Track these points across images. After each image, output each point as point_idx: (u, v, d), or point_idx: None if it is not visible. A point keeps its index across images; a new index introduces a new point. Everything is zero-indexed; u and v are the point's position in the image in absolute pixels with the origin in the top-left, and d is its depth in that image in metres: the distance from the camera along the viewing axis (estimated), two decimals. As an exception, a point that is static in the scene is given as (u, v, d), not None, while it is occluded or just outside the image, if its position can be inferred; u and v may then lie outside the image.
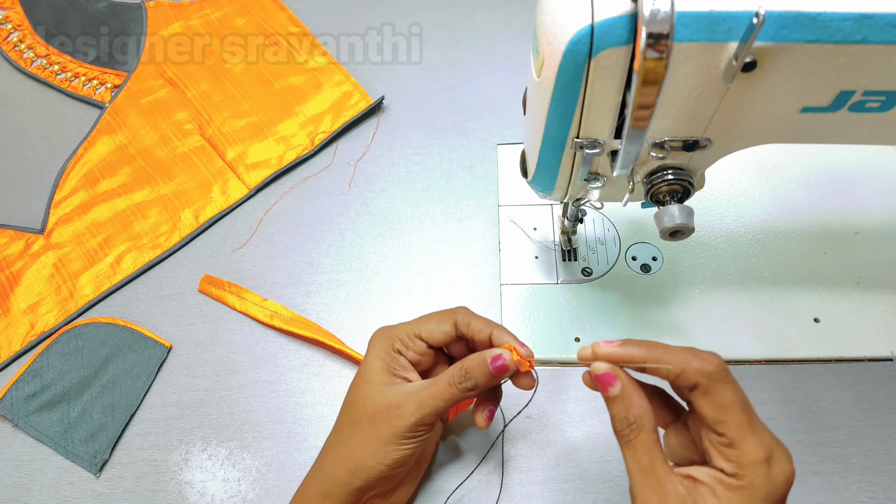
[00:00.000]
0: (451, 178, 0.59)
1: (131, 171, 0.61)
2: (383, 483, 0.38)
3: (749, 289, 0.50)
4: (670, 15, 0.26)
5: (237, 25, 0.71)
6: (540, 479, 0.44)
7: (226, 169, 0.61)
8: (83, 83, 0.67)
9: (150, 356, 0.51)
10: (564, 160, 0.37)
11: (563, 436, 0.45)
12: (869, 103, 0.32)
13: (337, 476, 0.37)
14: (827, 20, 0.28)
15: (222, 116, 0.64)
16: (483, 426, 0.39)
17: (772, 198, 0.55)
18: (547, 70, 0.31)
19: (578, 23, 0.29)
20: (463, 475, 0.44)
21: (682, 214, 0.36)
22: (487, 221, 0.56)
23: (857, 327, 0.48)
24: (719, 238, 0.53)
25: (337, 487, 0.37)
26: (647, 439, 0.30)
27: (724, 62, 0.30)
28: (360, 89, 0.65)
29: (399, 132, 0.63)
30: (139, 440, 0.47)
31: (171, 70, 0.68)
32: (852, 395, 0.46)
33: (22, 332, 0.52)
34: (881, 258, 0.51)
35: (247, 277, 0.55)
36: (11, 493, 0.46)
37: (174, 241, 0.57)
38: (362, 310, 0.52)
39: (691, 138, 0.34)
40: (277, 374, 0.50)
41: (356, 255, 0.55)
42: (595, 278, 0.52)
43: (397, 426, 0.36)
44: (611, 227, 0.54)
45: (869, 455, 0.44)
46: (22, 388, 0.49)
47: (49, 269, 0.56)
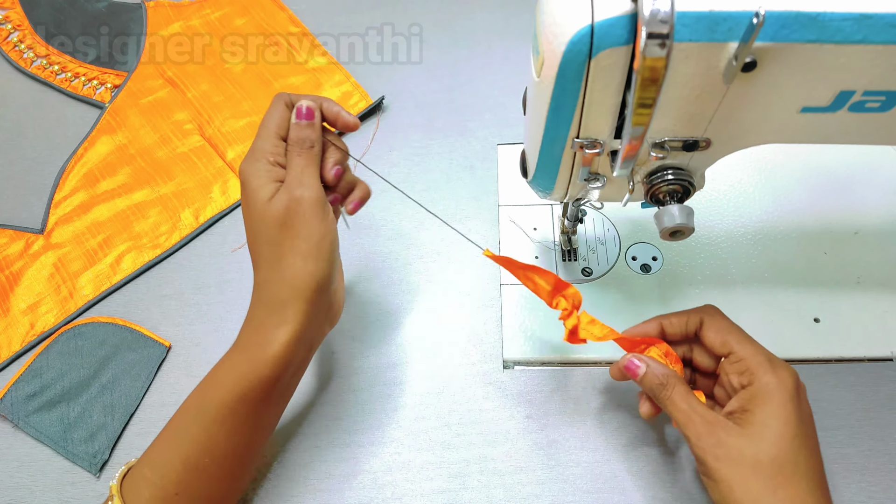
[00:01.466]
0: (451, 178, 0.59)
1: (131, 171, 0.61)
2: (325, 282, 0.38)
3: (749, 289, 0.50)
4: (670, 15, 0.26)
5: (237, 25, 0.71)
6: (540, 479, 0.44)
7: (226, 169, 0.61)
8: (83, 83, 0.67)
9: (149, 356, 0.51)
10: (564, 160, 0.37)
11: (563, 436, 0.45)
12: (869, 103, 0.32)
13: (294, 284, 0.37)
14: (827, 20, 0.28)
15: (222, 116, 0.64)
16: (350, 211, 0.42)
17: (772, 198, 0.55)
18: (547, 70, 0.31)
19: (578, 23, 0.29)
20: None
21: (682, 214, 0.36)
22: (487, 221, 0.56)
23: (857, 327, 0.48)
24: (719, 238, 0.53)
25: (299, 292, 0.37)
26: (680, 390, 0.37)
27: (724, 62, 0.30)
28: (360, 89, 0.65)
29: (399, 132, 0.63)
30: (139, 440, 0.47)
31: (171, 70, 0.68)
32: (852, 395, 0.46)
33: (22, 332, 0.52)
34: (881, 258, 0.51)
35: (247, 277, 0.54)
36: (14, 493, 0.46)
37: (174, 241, 0.57)
38: (362, 310, 0.52)
39: (691, 138, 0.34)
40: (277, 374, 0.50)
41: (356, 255, 0.55)
42: (595, 278, 0.52)
43: (305, 208, 0.36)
44: (611, 227, 0.54)
45: (869, 455, 0.44)
46: (22, 388, 0.49)
47: (49, 269, 0.56)
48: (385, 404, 0.48)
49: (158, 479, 0.37)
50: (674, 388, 0.37)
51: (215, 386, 0.39)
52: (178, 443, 0.38)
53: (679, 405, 0.36)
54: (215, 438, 0.38)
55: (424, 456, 0.45)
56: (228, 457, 0.39)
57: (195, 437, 0.38)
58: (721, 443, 0.34)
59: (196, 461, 0.38)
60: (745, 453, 0.34)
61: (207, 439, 0.38)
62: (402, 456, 0.45)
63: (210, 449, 0.38)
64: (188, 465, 0.37)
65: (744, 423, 0.34)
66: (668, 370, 0.38)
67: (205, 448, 0.38)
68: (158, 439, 0.39)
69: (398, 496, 0.44)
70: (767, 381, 0.35)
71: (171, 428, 0.39)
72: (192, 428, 0.38)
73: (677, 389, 0.37)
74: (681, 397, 0.36)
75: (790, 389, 0.34)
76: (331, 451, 0.46)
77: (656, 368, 0.38)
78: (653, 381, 0.38)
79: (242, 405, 0.38)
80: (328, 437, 0.46)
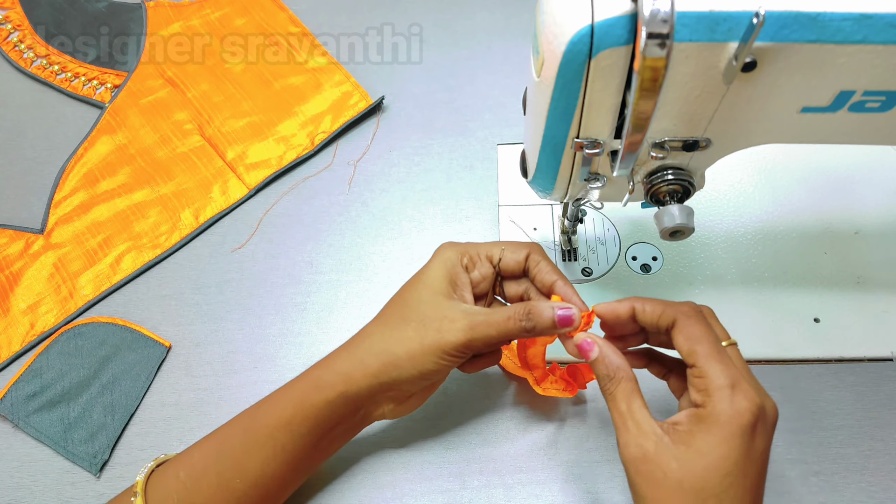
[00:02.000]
0: (451, 178, 0.59)
1: (131, 171, 0.61)
2: (405, 387, 0.38)
3: (749, 289, 0.50)
4: (670, 15, 0.26)
5: (237, 25, 0.71)
6: (540, 479, 0.44)
7: (226, 169, 0.61)
8: (83, 83, 0.67)
9: (149, 356, 0.51)
10: (564, 160, 0.37)
11: (563, 435, 0.45)
12: (869, 103, 0.32)
13: (368, 365, 0.37)
14: (827, 20, 0.28)
15: (222, 116, 0.64)
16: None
17: (772, 198, 0.55)
18: (547, 70, 0.31)
19: (578, 23, 0.29)
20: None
21: (682, 214, 0.36)
22: (487, 221, 0.56)
23: (857, 327, 0.48)
24: (719, 238, 0.53)
25: (363, 376, 0.37)
26: (625, 388, 0.34)
27: (724, 62, 0.30)
28: (360, 89, 0.65)
29: (399, 132, 0.63)
30: (139, 440, 0.47)
31: (171, 70, 0.68)
32: (852, 395, 0.46)
33: (22, 332, 0.52)
34: (881, 258, 0.51)
35: (247, 277, 0.55)
36: (14, 493, 0.46)
37: (174, 241, 0.57)
38: (362, 310, 0.52)
39: (691, 138, 0.34)
40: (277, 373, 0.50)
41: (356, 255, 0.55)
42: (595, 278, 0.52)
43: (446, 339, 0.36)
44: (611, 227, 0.54)
45: (869, 455, 0.44)
46: (22, 388, 0.49)
47: (49, 269, 0.56)
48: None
49: (192, 485, 0.37)
50: (619, 383, 0.34)
51: (267, 406, 0.39)
52: (218, 456, 0.38)
53: (618, 404, 0.33)
54: (252, 461, 0.37)
55: (424, 456, 0.45)
56: (259, 486, 0.38)
57: (233, 453, 0.38)
58: (647, 458, 0.31)
59: (228, 479, 0.37)
60: (670, 476, 0.30)
61: (245, 459, 0.37)
62: (402, 456, 0.45)
63: (244, 471, 0.37)
64: (221, 480, 0.37)
65: (680, 443, 0.31)
66: (621, 361, 0.34)
67: (240, 468, 0.37)
68: (201, 445, 0.39)
69: (398, 496, 0.44)
70: (721, 409, 0.31)
71: (216, 437, 0.39)
72: (235, 442, 0.38)
73: (622, 387, 0.34)
74: (623, 396, 0.33)
75: (743, 424, 0.30)
76: (331, 451, 0.46)
77: (611, 357, 0.34)
78: (601, 369, 0.34)
79: (283, 432, 0.37)
80: (328, 437, 0.46)
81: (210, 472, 0.37)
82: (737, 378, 0.31)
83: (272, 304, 0.53)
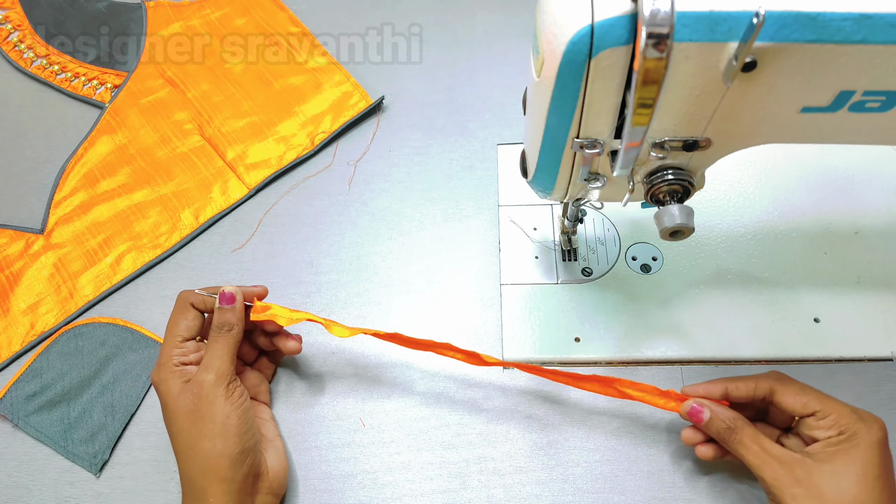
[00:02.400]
0: (451, 178, 0.59)
1: (131, 171, 0.61)
2: (250, 453, 0.39)
3: (749, 289, 0.50)
4: (670, 15, 0.26)
5: (237, 25, 0.71)
6: (540, 479, 0.44)
7: (226, 169, 0.61)
8: (83, 83, 0.67)
9: (150, 356, 0.51)
10: (564, 160, 0.37)
11: (563, 436, 0.45)
12: (869, 103, 0.32)
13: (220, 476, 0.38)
14: (827, 20, 0.28)
15: (222, 116, 0.64)
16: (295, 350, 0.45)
17: (772, 198, 0.55)
18: (547, 70, 0.31)
19: (578, 23, 0.29)
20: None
21: (682, 214, 0.36)
22: (487, 221, 0.56)
23: (857, 327, 0.48)
24: (719, 238, 0.53)
25: (223, 483, 0.38)
26: (748, 432, 0.38)
27: (724, 62, 0.30)
28: (360, 89, 0.65)
29: (399, 132, 0.63)
30: (139, 440, 0.47)
31: (171, 70, 0.68)
32: (852, 395, 0.46)
33: (22, 332, 0.52)
34: (881, 258, 0.51)
35: (247, 278, 0.55)
36: (12, 493, 0.46)
37: (174, 241, 0.57)
38: (362, 310, 0.52)
39: (691, 138, 0.34)
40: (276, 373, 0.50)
41: (356, 255, 0.55)
42: (595, 278, 0.52)
43: (206, 391, 0.39)
44: (611, 227, 0.54)
45: (869, 455, 0.44)
46: (22, 388, 0.49)
47: (49, 269, 0.56)
48: (385, 404, 0.48)
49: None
50: (742, 430, 0.38)
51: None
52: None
53: (751, 447, 0.37)
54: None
55: (424, 456, 0.45)
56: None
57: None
58: (799, 481, 0.35)
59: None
60: (826, 492, 0.34)
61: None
62: (402, 456, 0.45)
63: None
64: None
65: (825, 461, 0.35)
66: (733, 413, 0.39)
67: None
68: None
69: (398, 496, 0.44)
70: (857, 428, 0.36)
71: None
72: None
73: (746, 432, 0.38)
74: (751, 439, 0.37)
75: (881, 438, 0.36)
76: (331, 451, 0.46)
77: (721, 413, 0.38)
78: (719, 425, 0.38)
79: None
80: (328, 438, 0.46)
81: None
82: (852, 408, 0.37)
83: (272, 304, 0.53)
